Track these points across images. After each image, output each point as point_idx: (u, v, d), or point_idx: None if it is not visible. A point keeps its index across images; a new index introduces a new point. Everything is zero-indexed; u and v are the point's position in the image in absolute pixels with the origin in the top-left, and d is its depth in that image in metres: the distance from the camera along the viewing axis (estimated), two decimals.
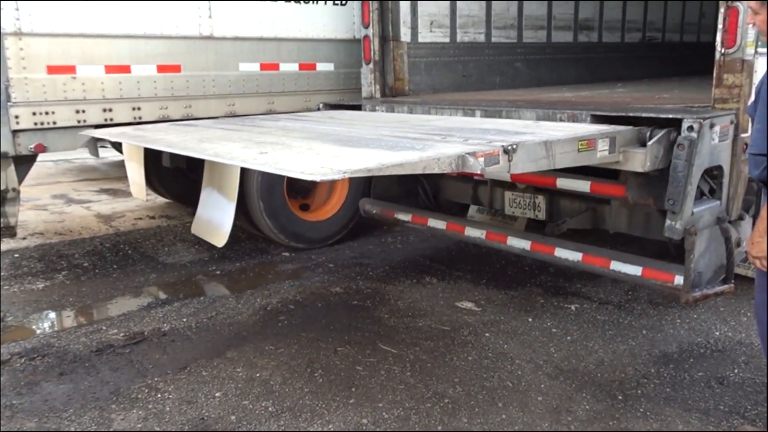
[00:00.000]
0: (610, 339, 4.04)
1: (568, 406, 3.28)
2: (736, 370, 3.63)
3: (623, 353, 3.85)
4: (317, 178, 1.98)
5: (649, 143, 3.09)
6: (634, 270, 3.53)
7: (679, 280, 3.31)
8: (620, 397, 3.36)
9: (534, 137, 2.80)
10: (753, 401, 3.30)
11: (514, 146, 2.55)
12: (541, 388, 3.47)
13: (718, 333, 4.10)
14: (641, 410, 3.24)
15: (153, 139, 3.34)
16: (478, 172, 2.41)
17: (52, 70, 4.55)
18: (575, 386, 3.48)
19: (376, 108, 4.92)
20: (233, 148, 2.79)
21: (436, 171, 2.36)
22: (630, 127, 3.19)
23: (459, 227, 4.52)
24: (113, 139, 3.52)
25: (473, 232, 4.39)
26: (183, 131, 3.56)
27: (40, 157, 5.07)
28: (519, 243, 4.10)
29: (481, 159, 2.42)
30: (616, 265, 3.61)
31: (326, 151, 2.55)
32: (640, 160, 3.09)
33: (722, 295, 3.38)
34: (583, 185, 3.65)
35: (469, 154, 2.37)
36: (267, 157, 2.49)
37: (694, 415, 3.19)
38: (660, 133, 3.11)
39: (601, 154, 3.00)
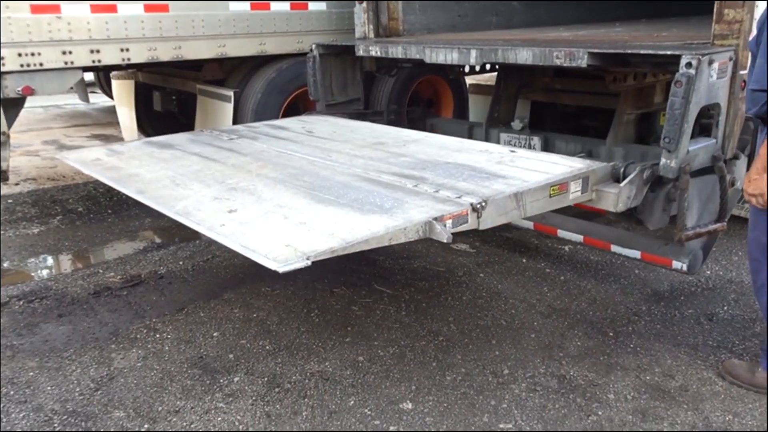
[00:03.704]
0: (602, 278, 4.09)
1: (560, 343, 3.35)
2: (725, 308, 3.70)
3: (615, 292, 3.91)
4: (280, 268, 2.05)
5: (622, 184, 2.97)
6: (633, 253, 3.56)
7: (677, 264, 3.33)
8: (611, 334, 3.43)
9: (505, 184, 2.77)
10: (741, 336, 3.37)
11: (483, 203, 2.56)
12: (534, 326, 3.53)
13: (709, 272, 4.15)
14: (631, 346, 3.31)
15: (128, 174, 3.29)
16: (444, 240, 2.38)
17: (36, 9, 4.41)
18: (567, 324, 3.54)
19: (370, 49, 4.80)
20: (203, 197, 2.83)
21: (403, 241, 2.36)
22: (604, 164, 3.09)
23: None
24: (86, 171, 3.41)
25: None
26: (161, 160, 3.50)
27: (30, 102, 4.99)
28: (522, 223, 4.11)
29: (449, 222, 2.44)
30: (617, 248, 3.63)
31: (294, 212, 2.57)
32: (612, 201, 2.99)
33: (715, 233, 3.39)
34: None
35: (435, 219, 2.38)
36: (236, 219, 2.53)
37: (683, 350, 3.27)
38: (634, 172, 3.00)
39: (574, 196, 2.95)
